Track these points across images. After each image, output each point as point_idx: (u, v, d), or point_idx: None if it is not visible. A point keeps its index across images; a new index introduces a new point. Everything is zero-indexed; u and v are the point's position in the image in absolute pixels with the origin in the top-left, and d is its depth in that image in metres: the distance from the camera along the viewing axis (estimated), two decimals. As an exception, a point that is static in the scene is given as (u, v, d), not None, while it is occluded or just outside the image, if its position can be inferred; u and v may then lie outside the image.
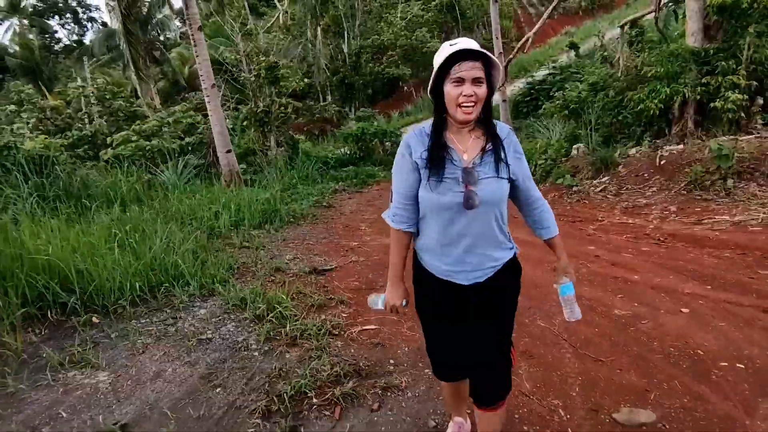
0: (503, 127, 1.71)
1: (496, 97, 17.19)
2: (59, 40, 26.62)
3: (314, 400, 2.55)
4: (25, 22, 26.89)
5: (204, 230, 5.34)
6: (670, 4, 9.41)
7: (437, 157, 1.61)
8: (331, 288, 4.09)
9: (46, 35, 25.10)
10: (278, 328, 3.29)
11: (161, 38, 21.74)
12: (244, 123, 11.96)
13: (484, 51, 1.56)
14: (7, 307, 3.24)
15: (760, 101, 7.27)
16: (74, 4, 26.10)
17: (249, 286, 3.92)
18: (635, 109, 7.78)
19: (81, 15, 26.52)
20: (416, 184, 1.67)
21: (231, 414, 2.50)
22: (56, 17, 25.86)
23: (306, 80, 15.43)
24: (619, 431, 2.30)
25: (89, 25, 26.83)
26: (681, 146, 7.23)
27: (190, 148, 10.50)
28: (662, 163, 6.98)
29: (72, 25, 26.83)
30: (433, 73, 1.60)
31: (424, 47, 22.85)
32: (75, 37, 27.18)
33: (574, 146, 8.81)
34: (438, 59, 1.60)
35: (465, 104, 1.56)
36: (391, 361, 2.92)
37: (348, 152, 14.30)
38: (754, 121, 7.30)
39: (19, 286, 3.32)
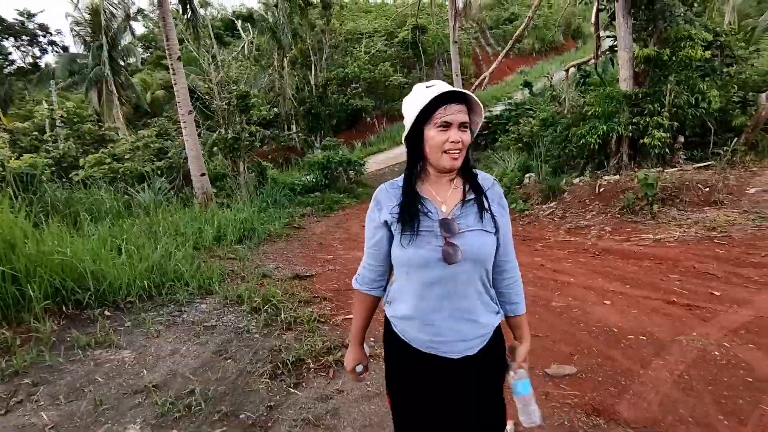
0: (486, 178, 1.57)
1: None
2: (12, 62, 26.52)
3: (311, 366, 3.24)
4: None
5: (190, 244, 5.92)
6: (608, 52, 10.87)
7: (410, 210, 1.46)
8: (314, 289, 4.78)
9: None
10: (273, 317, 3.96)
11: (123, 64, 22.15)
12: (213, 149, 12.55)
13: (470, 94, 1.44)
14: (31, 301, 3.76)
15: (681, 139, 8.61)
16: (32, 27, 26.20)
17: (242, 287, 4.55)
18: (579, 143, 8.97)
19: (41, 38, 26.60)
20: (386, 243, 1.53)
21: (243, 377, 3.14)
22: (11, 39, 25.85)
23: (274, 109, 16.21)
24: (549, 381, 3.09)
25: (49, 48, 26.95)
26: (617, 176, 8.41)
27: (159, 172, 11.00)
28: (601, 190, 8.10)
29: (28, 47, 26.85)
30: (412, 117, 1.44)
31: (387, 80, 24.23)
32: (30, 60, 27.16)
33: (527, 175, 9.92)
34: (417, 102, 1.43)
35: (452, 150, 1.42)
36: (372, 339, 3.64)
37: (314, 179, 15.05)
38: (677, 156, 8.61)
39: (42, 283, 3.85)
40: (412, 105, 1.45)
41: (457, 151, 1.43)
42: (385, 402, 2.26)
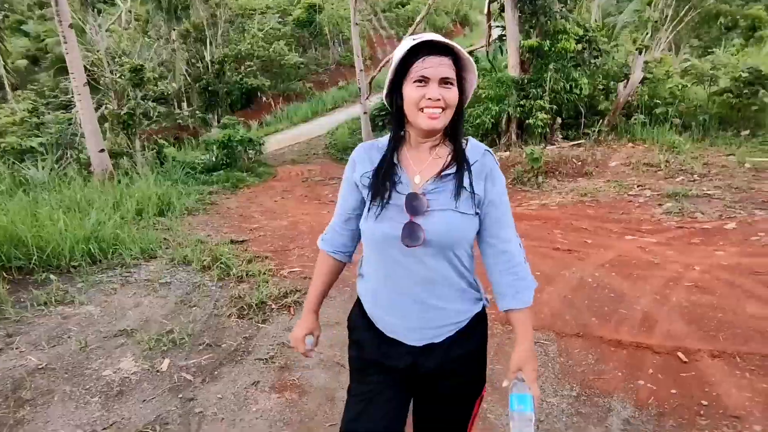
0: (476, 147, 1.39)
1: (357, 110, 19.31)
2: None
3: (273, 307, 3.78)
4: None
5: (120, 214, 5.98)
6: (497, 40, 12.23)
7: (381, 179, 1.34)
8: (253, 251, 5.23)
9: None
10: (225, 273, 4.39)
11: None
12: (105, 125, 12.00)
13: (455, 45, 1.29)
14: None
15: (559, 120, 10.14)
16: None
17: (187, 250, 4.88)
18: (475, 123, 10.14)
19: None
20: (357, 207, 1.44)
21: (213, 318, 3.61)
22: None
23: (173, 84, 15.60)
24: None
25: None
26: (507, 152, 9.71)
27: (44, 149, 10.35)
28: (495, 165, 9.33)
29: None
30: (390, 71, 1.32)
31: (283, 60, 24.18)
32: None
33: (429, 153, 10.96)
34: (397, 54, 1.30)
35: (429, 108, 1.27)
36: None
37: (214, 158, 14.91)
38: (556, 135, 10.14)
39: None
40: (394, 57, 1.31)
41: (438, 110, 1.27)
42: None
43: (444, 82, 1.28)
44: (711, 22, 16.89)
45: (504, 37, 10.63)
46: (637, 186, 7.47)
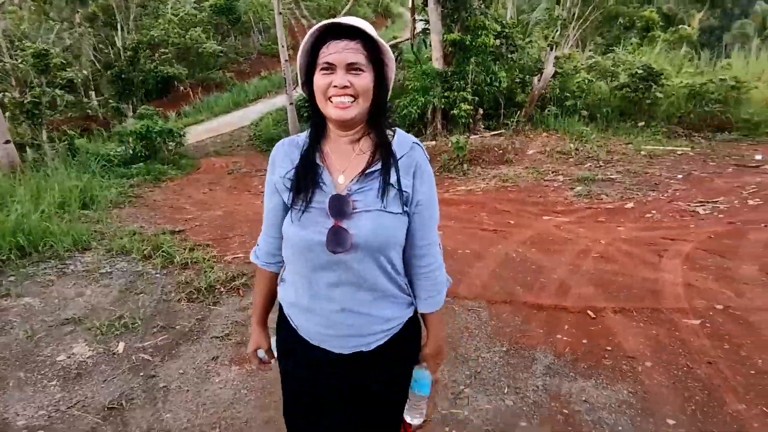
0: (404, 140, 1.31)
1: (282, 101, 19.16)
2: None
3: (222, 290, 3.92)
4: None
5: (44, 206, 5.73)
6: (421, 34, 12.72)
7: (302, 180, 1.27)
8: (192, 240, 5.27)
9: None
10: (168, 261, 4.44)
11: None
12: (6, 114, 11.17)
13: (364, 27, 1.20)
14: None
15: (481, 111, 10.79)
16: None
17: (124, 240, 4.84)
18: (402, 113, 10.55)
19: None
20: (281, 211, 1.34)
21: (162, 303, 3.70)
22: None
23: (83, 72, 14.64)
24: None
25: None
26: (434, 142, 10.22)
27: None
28: (422, 154, 9.81)
29: None
30: (299, 59, 1.25)
31: (200, 47, 23.39)
32: None
33: (358, 143, 11.25)
34: (305, 40, 1.23)
35: (337, 97, 1.20)
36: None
37: (131, 151, 14.29)
38: (478, 125, 10.79)
39: None
40: (303, 44, 1.23)
41: (347, 98, 1.19)
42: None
43: (352, 67, 1.19)
44: (612, 22, 18.52)
45: (428, 31, 11.11)
46: (552, 172, 8.22)
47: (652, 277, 4.12)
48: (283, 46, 14.89)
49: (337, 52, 1.18)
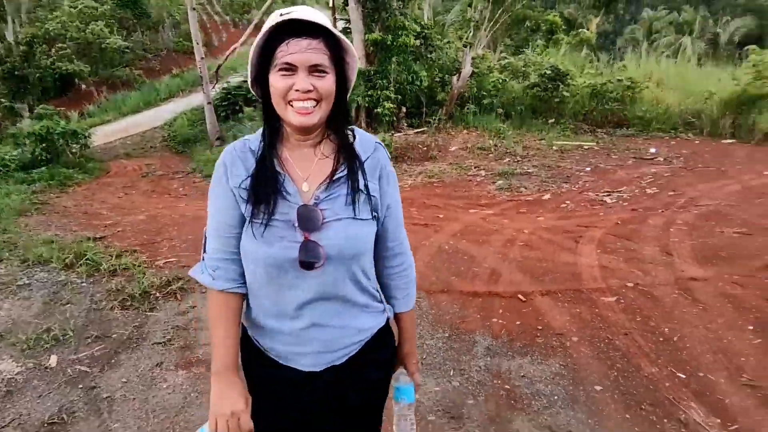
0: (366, 141, 1.25)
1: (197, 100, 18.43)
2: None
3: (158, 295, 3.80)
4: None
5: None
6: (341, 32, 12.75)
7: (262, 190, 1.14)
8: (117, 246, 5.02)
9: None
10: (94, 269, 4.21)
11: None
12: None
13: (328, 25, 1.09)
14: None
15: (404, 109, 11.08)
16: None
17: (41, 249, 4.52)
18: (326, 112, 10.57)
19: None
20: (240, 222, 1.18)
21: (93, 312, 3.53)
22: None
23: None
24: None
25: None
26: (359, 140, 10.34)
27: None
28: (348, 152, 9.91)
29: None
30: (252, 55, 1.13)
31: (103, 42, 21.95)
32: None
33: (282, 142, 11.13)
34: (260, 35, 1.10)
35: (299, 101, 1.09)
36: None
37: (30, 154, 13.18)
38: (402, 123, 11.06)
39: None
40: (257, 40, 1.11)
41: (310, 103, 1.09)
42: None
43: (315, 69, 1.09)
44: (519, 25, 19.60)
45: (348, 30, 11.21)
46: (474, 167, 8.64)
47: (571, 261, 4.50)
48: (198, 43, 14.38)
49: (299, 51, 1.07)
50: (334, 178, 1.17)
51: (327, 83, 1.10)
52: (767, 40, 23.35)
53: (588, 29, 21.54)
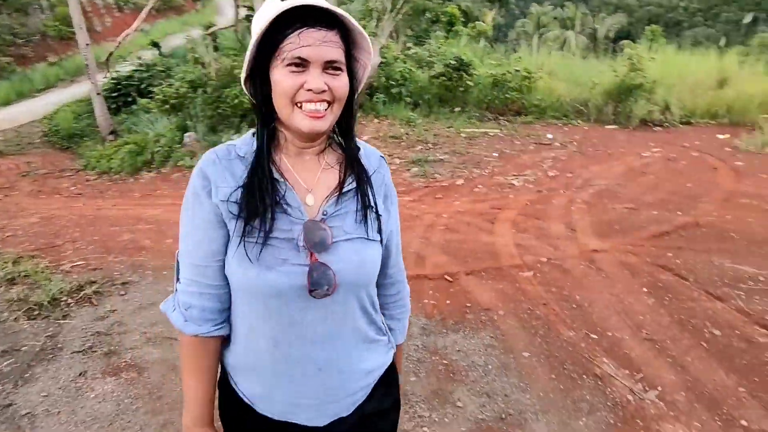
0: (371, 153, 1.13)
1: (81, 90, 16.89)
2: None
3: (70, 301, 3.53)
4: None
5: None
6: (245, 21, 12.39)
7: (258, 201, 0.94)
8: (12, 252, 4.55)
9: None
10: (-14, 278, 3.81)
11: None
12: None
13: (346, 15, 0.92)
14: None
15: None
16: None
17: None
18: (233, 103, 10.23)
19: None
20: (222, 248, 0.98)
21: (-5, 325, 3.20)
22: None
23: None
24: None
25: None
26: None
27: None
28: (259, 144, 9.69)
29: None
30: (251, 47, 0.93)
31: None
32: None
33: (186, 135, 10.60)
34: (259, 23, 0.92)
35: (310, 103, 0.92)
36: (116, 272, 4.07)
37: None
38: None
39: None
40: (254, 27, 0.94)
41: (323, 105, 0.93)
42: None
43: (329, 66, 0.93)
44: (420, 16, 20.12)
45: (251, 18, 10.89)
46: (388, 155, 8.81)
47: (489, 242, 4.80)
48: (81, 28, 13.16)
49: (313, 44, 0.90)
50: (344, 190, 1.02)
51: (342, 83, 0.95)
52: (636, 36, 26.06)
53: (484, 22, 22.60)
